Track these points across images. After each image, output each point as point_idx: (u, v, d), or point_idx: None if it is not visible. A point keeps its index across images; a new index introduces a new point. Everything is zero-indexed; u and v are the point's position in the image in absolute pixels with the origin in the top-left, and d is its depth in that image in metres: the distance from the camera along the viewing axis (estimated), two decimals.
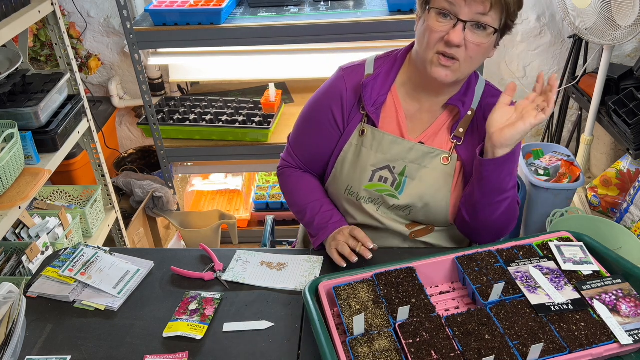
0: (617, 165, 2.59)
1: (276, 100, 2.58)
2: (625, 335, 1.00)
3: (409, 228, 1.37)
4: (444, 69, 1.17)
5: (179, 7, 2.18)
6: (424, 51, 1.19)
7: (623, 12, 2.10)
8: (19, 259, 1.83)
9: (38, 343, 1.15)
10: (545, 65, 2.98)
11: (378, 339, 1.02)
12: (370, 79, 1.28)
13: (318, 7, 2.31)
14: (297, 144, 1.44)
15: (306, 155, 1.42)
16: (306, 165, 1.44)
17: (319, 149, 1.38)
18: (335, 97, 1.33)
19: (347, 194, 1.35)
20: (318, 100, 1.37)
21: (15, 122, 1.77)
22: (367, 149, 1.31)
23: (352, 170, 1.33)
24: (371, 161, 1.31)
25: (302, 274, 1.29)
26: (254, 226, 2.99)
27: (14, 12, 1.81)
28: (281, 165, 1.49)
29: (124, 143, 3.36)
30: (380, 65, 1.31)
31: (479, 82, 1.31)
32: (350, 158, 1.33)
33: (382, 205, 1.34)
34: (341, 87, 1.32)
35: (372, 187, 1.32)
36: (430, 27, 1.15)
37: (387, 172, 1.31)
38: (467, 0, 1.10)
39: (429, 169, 1.29)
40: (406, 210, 1.33)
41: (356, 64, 1.34)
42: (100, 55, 3.04)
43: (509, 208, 1.29)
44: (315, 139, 1.38)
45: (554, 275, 1.15)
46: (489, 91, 1.32)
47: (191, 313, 1.19)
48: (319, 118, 1.35)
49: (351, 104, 1.31)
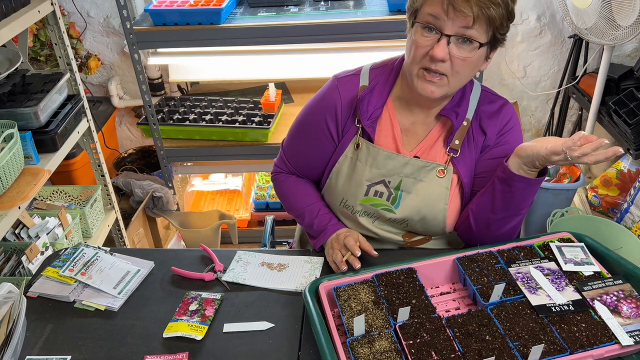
0: (617, 165, 2.59)
1: (276, 100, 2.58)
2: (626, 336, 1.00)
3: (406, 239, 1.36)
4: (429, 84, 1.15)
5: (178, 7, 2.18)
6: (410, 65, 1.17)
7: (623, 12, 2.10)
8: (19, 259, 1.83)
9: (38, 343, 1.14)
10: (545, 65, 2.98)
11: (378, 339, 1.02)
12: (366, 92, 1.26)
13: (318, 7, 2.31)
14: (291, 152, 1.42)
15: (300, 163, 1.41)
16: (300, 173, 1.43)
17: (313, 158, 1.37)
18: (329, 108, 1.30)
19: (342, 206, 1.35)
20: (312, 110, 1.35)
21: (15, 122, 1.77)
22: (362, 163, 1.29)
23: (347, 184, 1.32)
24: (366, 176, 1.29)
25: (303, 275, 1.29)
26: (254, 226, 2.99)
27: (13, 12, 1.81)
28: (274, 171, 1.48)
29: (124, 143, 3.36)
30: (376, 77, 1.29)
31: (474, 90, 1.28)
32: (346, 171, 1.32)
33: (378, 219, 1.33)
34: (335, 98, 1.29)
35: (367, 202, 1.31)
36: (416, 42, 1.13)
37: (383, 187, 1.29)
38: (450, 14, 1.08)
39: (424, 183, 1.28)
40: (403, 224, 1.33)
41: (351, 73, 1.32)
42: (100, 55, 3.04)
43: (518, 223, 1.28)
44: (309, 148, 1.37)
45: (554, 276, 1.15)
46: (485, 98, 1.29)
47: (191, 313, 1.19)
48: (313, 128, 1.34)
49: (346, 116, 1.29)
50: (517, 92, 3.08)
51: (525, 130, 3.21)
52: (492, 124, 1.27)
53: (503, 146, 1.28)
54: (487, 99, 1.29)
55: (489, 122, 1.26)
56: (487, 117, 1.27)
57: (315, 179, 1.43)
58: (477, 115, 1.27)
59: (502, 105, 1.28)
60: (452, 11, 1.07)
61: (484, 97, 1.29)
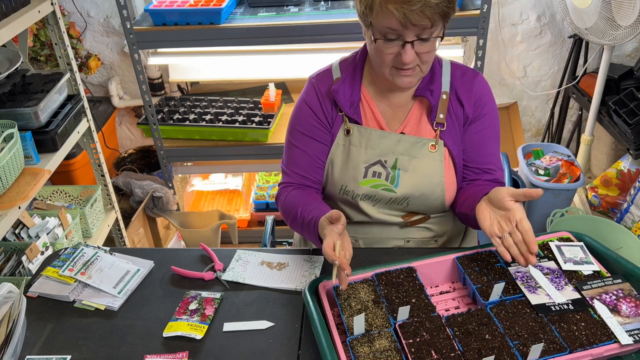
0: (617, 165, 2.59)
1: (276, 100, 2.58)
2: (626, 335, 1.00)
3: (405, 219, 1.38)
4: (405, 77, 1.22)
5: (178, 7, 2.18)
6: (380, 68, 1.23)
7: (623, 12, 2.10)
8: (19, 259, 1.83)
9: (38, 343, 1.15)
10: (545, 65, 2.98)
11: (378, 338, 1.02)
12: (339, 84, 1.32)
13: (318, 7, 2.31)
14: (290, 161, 1.40)
15: (303, 164, 1.38)
16: (305, 177, 1.38)
17: (315, 152, 1.36)
18: (313, 103, 1.35)
19: (342, 193, 1.36)
20: (298, 113, 1.38)
21: (15, 122, 1.77)
22: (356, 147, 1.33)
23: (345, 169, 1.34)
24: (362, 158, 1.32)
25: (302, 274, 1.29)
26: (254, 226, 2.99)
27: (13, 12, 1.81)
28: (279, 191, 1.42)
29: (124, 143, 3.36)
30: (346, 69, 1.35)
31: (444, 65, 1.33)
32: (340, 158, 1.34)
33: (379, 202, 1.35)
34: (316, 93, 1.35)
35: (367, 184, 1.33)
36: (381, 50, 1.18)
37: (380, 167, 1.32)
38: (407, 26, 1.12)
39: (418, 159, 1.31)
40: (404, 203, 1.34)
41: (323, 70, 1.38)
42: (100, 55, 3.04)
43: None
44: (308, 144, 1.36)
45: (554, 275, 1.15)
46: (456, 71, 1.33)
47: (191, 313, 1.19)
48: (304, 125, 1.37)
49: (329, 108, 1.34)
50: (517, 92, 3.08)
51: (525, 130, 3.21)
52: (466, 96, 1.32)
53: (481, 119, 1.33)
54: (459, 72, 1.33)
55: (463, 93, 1.31)
56: (462, 89, 1.32)
57: (322, 179, 1.40)
58: (453, 88, 1.32)
59: (474, 77, 1.33)
60: (410, 24, 1.11)
61: (454, 70, 1.34)
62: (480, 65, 2.20)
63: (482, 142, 1.35)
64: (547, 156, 2.59)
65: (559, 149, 2.65)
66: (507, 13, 2.83)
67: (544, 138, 3.11)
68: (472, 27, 2.12)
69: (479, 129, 1.34)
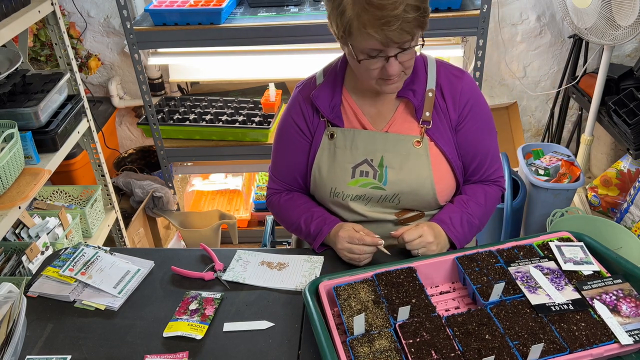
0: (617, 165, 2.59)
1: (276, 100, 2.58)
2: (626, 336, 1.00)
3: (399, 216, 1.38)
4: (392, 85, 1.24)
5: (179, 7, 2.18)
6: (367, 81, 1.25)
7: (623, 12, 2.10)
8: (19, 259, 1.83)
9: (38, 343, 1.15)
10: (545, 65, 2.98)
11: (378, 339, 1.02)
12: (319, 89, 1.34)
13: (318, 7, 2.31)
14: (276, 167, 1.47)
15: (285, 173, 1.45)
16: (290, 184, 1.46)
17: (295, 162, 1.41)
18: (295, 111, 1.38)
19: (333, 196, 1.37)
20: (283, 121, 1.42)
21: (15, 122, 1.77)
22: (341, 149, 1.34)
23: (332, 172, 1.35)
24: (348, 159, 1.34)
25: (303, 274, 1.29)
26: (254, 226, 2.99)
27: (13, 12, 1.81)
28: (268, 195, 1.51)
29: (124, 143, 3.36)
30: (328, 75, 1.36)
31: (429, 64, 1.34)
32: (326, 161, 1.36)
33: (370, 201, 1.36)
34: (299, 101, 1.38)
35: (356, 184, 1.34)
36: (366, 67, 1.20)
37: (367, 166, 1.33)
38: (389, 43, 1.13)
39: (404, 155, 1.32)
40: (395, 200, 1.35)
41: (307, 78, 1.41)
42: (100, 55, 3.04)
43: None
44: (289, 154, 1.41)
45: (554, 275, 1.15)
46: (442, 69, 1.34)
47: (191, 313, 1.19)
48: (287, 134, 1.40)
49: (311, 113, 1.37)
50: (517, 92, 3.08)
51: (525, 130, 3.21)
52: (452, 95, 1.32)
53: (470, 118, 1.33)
54: (444, 70, 1.34)
55: (449, 92, 1.32)
56: (448, 88, 1.32)
57: (306, 185, 1.45)
58: (438, 85, 1.33)
59: (459, 75, 1.34)
60: (392, 42, 1.13)
61: (440, 68, 1.34)
62: (480, 65, 2.20)
63: (476, 141, 1.35)
64: (547, 156, 2.59)
65: (558, 149, 2.65)
66: (507, 13, 2.83)
67: (543, 138, 3.11)
68: (472, 27, 2.12)
69: (470, 127, 1.34)
